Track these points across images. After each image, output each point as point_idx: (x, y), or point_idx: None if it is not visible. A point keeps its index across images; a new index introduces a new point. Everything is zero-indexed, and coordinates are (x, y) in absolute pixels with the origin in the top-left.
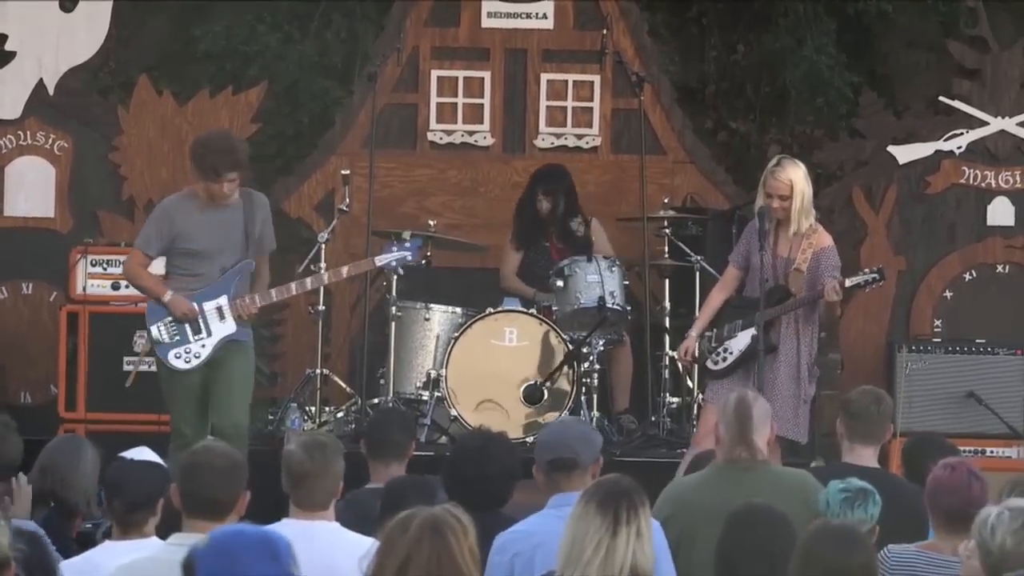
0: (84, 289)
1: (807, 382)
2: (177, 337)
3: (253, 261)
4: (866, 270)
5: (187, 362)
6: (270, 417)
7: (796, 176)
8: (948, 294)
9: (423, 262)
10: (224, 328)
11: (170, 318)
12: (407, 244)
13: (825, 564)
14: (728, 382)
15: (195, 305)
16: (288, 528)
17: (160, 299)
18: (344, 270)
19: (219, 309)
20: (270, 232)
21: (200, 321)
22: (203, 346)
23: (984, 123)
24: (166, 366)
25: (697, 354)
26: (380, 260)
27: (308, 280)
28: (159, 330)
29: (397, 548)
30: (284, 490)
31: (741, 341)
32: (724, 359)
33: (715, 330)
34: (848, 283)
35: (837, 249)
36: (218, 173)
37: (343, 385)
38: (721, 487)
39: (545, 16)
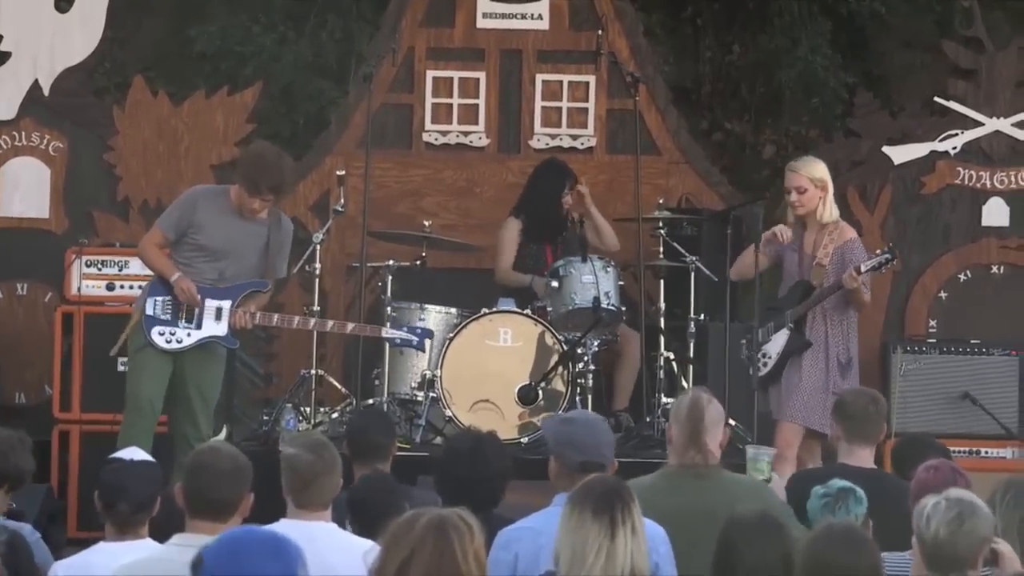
0: (79, 290)
1: (837, 374)
2: (167, 317)
3: (270, 283)
4: (877, 252)
5: (167, 342)
6: (264, 418)
7: (813, 169)
8: (943, 294)
9: (418, 261)
10: (215, 329)
11: (169, 298)
12: (418, 330)
13: (833, 568)
14: (774, 389)
15: (199, 295)
16: (287, 530)
17: (168, 278)
18: (349, 326)
19: (219, 310)
20: (283, 261)
21: (195, 312)
22: (188, 335)
23: (979, 124)
24: (146, 339)
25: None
26: (387, 333)
27: (312, 320)
28: (154, 304)
29: (401, 545)
30: (286, 494)
31: (777, 343)
32: (765, 364)
33: (749, 337)
34: (864, 267)
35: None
36: (257, 189)
37: (338, 386)
38: (673, 492)
39: (540, 17)
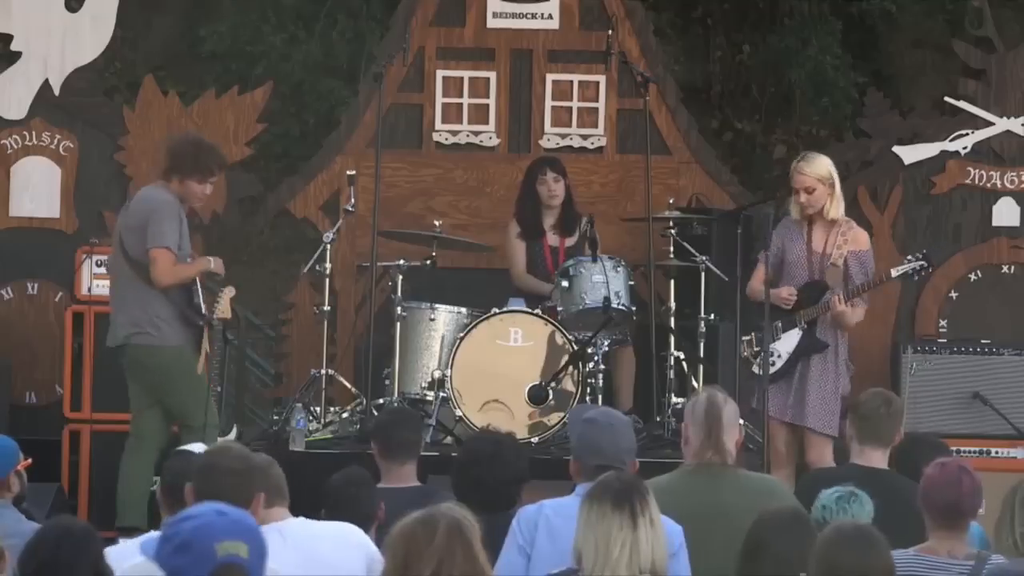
0: (89, 289)
1: (845, 378)
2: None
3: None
4: (908, 257)
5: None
6: (275, 417)
7: (820, 168)
8: (953, 294)
9: (428, 261)
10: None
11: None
12: None
13: (846, 568)
14: (776, 387)
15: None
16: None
17: (208, 267)
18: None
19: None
20: None
21: (201, 302)
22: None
23: (990, 123)
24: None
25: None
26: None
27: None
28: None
29: (425, 557)
30: None
31: (788, 342)
32: (772, 363)
33: (753, 334)
34: (894, 273)
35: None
36: (212, 172)
37: (348, 385)
38: (691, 491)
39: (550, 16)
